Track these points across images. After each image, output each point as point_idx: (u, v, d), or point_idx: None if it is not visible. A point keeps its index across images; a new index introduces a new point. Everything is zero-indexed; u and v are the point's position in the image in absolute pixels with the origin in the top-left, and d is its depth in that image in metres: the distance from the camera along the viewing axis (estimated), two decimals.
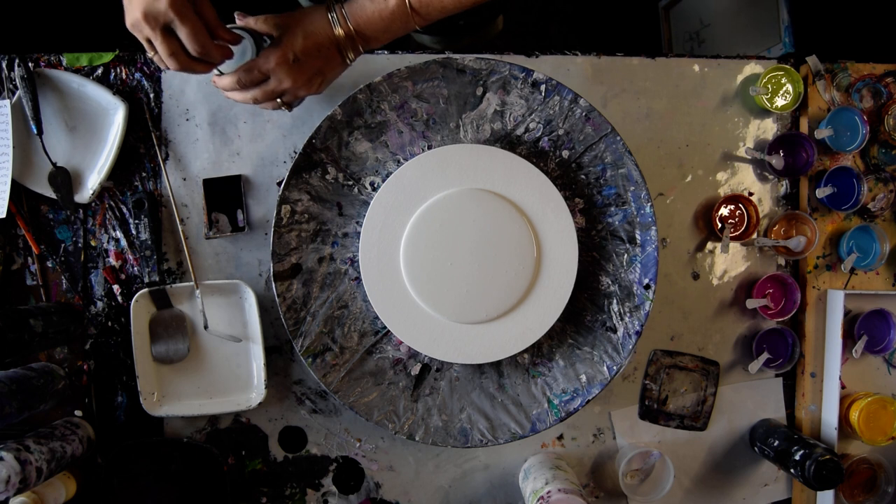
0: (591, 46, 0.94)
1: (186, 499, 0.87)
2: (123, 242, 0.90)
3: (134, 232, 0.90)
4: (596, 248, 0.83)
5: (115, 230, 0.90)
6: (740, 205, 0.94)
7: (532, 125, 0.82)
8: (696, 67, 0.94)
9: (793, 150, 0.93)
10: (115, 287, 0.90)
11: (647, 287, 0.81)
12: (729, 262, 0.95)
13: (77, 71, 0.89)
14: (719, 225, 0.93)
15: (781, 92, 0.93)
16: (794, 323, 0.95)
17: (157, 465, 0.87)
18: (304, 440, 0.92)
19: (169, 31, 0.64)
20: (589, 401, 0.80)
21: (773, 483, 0.97)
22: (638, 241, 0.82)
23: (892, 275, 0.96)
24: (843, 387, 0.92)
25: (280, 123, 0.91)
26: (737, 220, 0.94)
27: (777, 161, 0.92)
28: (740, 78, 0.95)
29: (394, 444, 0.93)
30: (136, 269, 0.91)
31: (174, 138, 0.90)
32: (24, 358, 0.88)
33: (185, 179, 0.90)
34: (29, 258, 0.90)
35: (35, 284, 0.90)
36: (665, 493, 0.91)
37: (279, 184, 0.91)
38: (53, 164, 0.87)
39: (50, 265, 0.90)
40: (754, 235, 0.94)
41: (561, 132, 0.82)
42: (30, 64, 0.86)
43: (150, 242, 0.88)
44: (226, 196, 0.90)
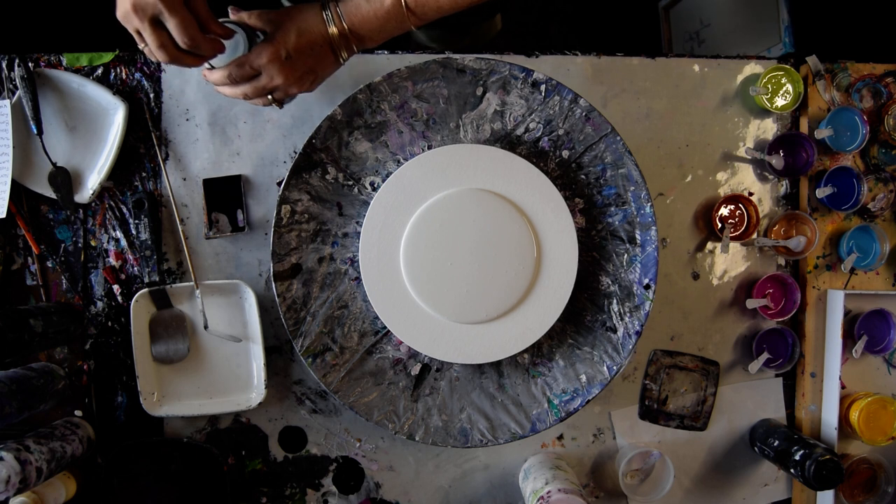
0: (591, 46, 0.94)
1: (186, 499, 0.87)
2: (123, 242, 0.90)
3: (134, 232, 0.90)
4: (596, 248, 0.83)
5: (115, 230, 0.90)
6: (740, 205, 0.94)
7: (532, 125, 0.82)
8: (696, 67, 0.94)
9: (793, 150, 0.93)
10: (115, 287, 0.90)
11: (647, 287, 0.81)
12: (729, 262, 0.95)
13: (77, 71, 0.89)
14: (719, 225, 0.93)
15: (781, 92, 0.93)
16: (794, 323, 0.95)
17: (157, 465, 0.87)
18: (304, 440, 0.92)
19: (158, 22, 0.63)
20: (589, 401, 0.80)
21: (773, 483, 0.97)
22: (638, 241, 0.82)
23: (892, 275, 0.96)
24: (843, 387, 0.92)
25: (280, 123, 0.91)
26: (737, 220, 0.94)
27: (777, 161, 0.92)
28: (740, 78, 0.95)
29: (394, 444, 0.93)
30: (136, 269, 0.90)
31: (174, 138, 0.90)
32: (24, 358, 0.88)
33: (185, 179, 0.90)
34: (29, 258, 0.90)
35: (35, 284, 0.90)
36: (665, 493, 0.91)
37: (279, 184, 0.91)
38: (53, 164, 0.87)
39: (50, 265, 0.90)
40: (754, 235, 0.94)
41: (561, 132, 0.82)
42: (30, 64, 0.86)
43: (150, 242, 0.88)
44: (226, 196, 0.90)
